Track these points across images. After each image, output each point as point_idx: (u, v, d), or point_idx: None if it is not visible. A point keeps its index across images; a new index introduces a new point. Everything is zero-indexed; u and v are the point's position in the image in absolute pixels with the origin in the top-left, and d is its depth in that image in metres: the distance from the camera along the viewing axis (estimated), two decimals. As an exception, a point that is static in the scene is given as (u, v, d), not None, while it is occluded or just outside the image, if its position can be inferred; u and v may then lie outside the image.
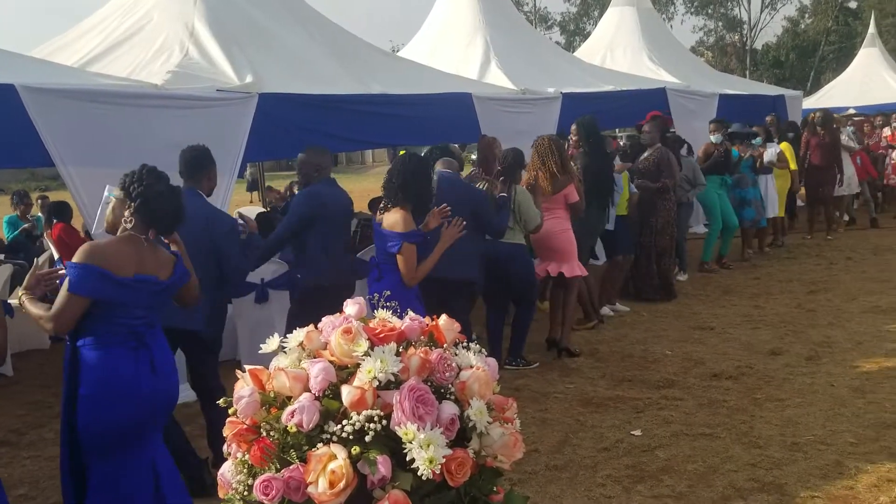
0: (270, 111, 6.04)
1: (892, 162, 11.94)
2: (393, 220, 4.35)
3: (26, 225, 9.34)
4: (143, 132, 5.43)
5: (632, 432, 4.67)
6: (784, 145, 9.92)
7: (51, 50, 7.07)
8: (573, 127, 6.94)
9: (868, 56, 18.28)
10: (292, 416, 1.74)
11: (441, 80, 7.90)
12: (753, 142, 9.53)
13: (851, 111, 13.18)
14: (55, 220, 8.38)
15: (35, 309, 3.04)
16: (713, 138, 8.98)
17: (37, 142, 5.03)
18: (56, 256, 8.25)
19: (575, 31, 45.26)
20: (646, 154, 7.78)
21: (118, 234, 3.23)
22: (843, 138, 10.98)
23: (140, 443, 3.11)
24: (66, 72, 5.87)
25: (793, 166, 10.02)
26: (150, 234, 3.19)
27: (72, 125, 5.13)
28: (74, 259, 3.01)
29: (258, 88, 6.02)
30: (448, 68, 8.62)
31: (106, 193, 3.52)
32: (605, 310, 7.34)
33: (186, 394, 5.20)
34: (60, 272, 3.18)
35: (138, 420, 3.06)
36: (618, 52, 12.59)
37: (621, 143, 7.65)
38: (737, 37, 44.72)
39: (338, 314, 2.06)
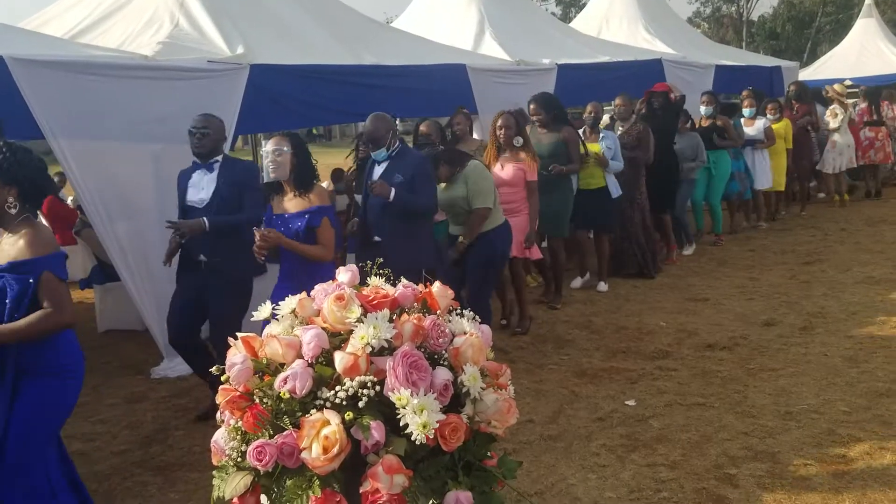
0: (262, 83, 5.98)
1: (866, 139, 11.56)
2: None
3: None
4: (133, 104, 5.37)
5: (626, 402, 4.69)
6: (783, 122, 9.74)
7: (40, 22, 6.97)
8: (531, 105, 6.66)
9: (865, 27, 18.12)
10: (285, 383, 1.74)
11: (435, 51, 7.83)
12: (745, 113, 9.44)
13: (848, 82, 13.00)
14: (45, 195, 8.34)
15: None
16: (703, 110, 8.92)
17: (26, 114, 4.97)
18: (49, 231, 8.22)
19: (571, 2, 44.87)
20: (625, 128, 7.60)
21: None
22: (825, 113, 10.86)
23: None
24: (56, 43, 5.79)
25: (787, 144, 9.81)
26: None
27: (62, 97, 5.07)
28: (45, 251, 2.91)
29: (249, 59, 5.95)
30: (442, 39, 8.54)
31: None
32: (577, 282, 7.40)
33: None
34: None
35: None
36: (614, 24, 12.47)
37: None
38: (733, 8, 44.39)
39: (329, 281, 2.05)
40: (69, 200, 8.96)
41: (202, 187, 4.57)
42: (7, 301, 2.80)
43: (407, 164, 4.89)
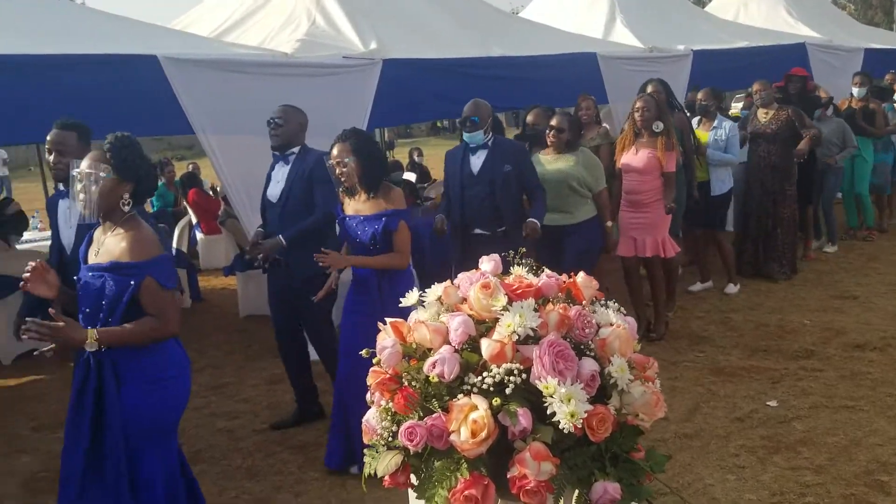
0: (394, 77, 6.10)
1: None
2: None
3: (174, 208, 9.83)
4: (274, 100, 5.55)
5: (767, 403, 4.49)
6: None
7: (187, 22, 7.40)
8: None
9: None
10: (434, 367, 1.77)
11: (564, 40, 7.74)
12: None
13: None
14: (189, 187, 8.89)
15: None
16: (856, 92, 8.28)
17: (178, 111, 5.27)
18: (195, 221, 8.74)
19: (706, -15, 43.18)
20: (769, 115, 6.88)
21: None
22: None
23: None
24: (203, 42, 6.13)
25: None
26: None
27: (210, 94, 5.36)
28: (148, 255, 2.78)
29: (382, 54, 6.09)
30: (571, 28, 8.43)
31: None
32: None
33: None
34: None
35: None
36: (752, 6, 11.88)
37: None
38: (883, -13, 41.33)
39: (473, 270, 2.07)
40: (211, 191, 9.50)
41: (278, 180, 4.48)
42: (104, 302, 2.73)
43: (510, 153, 4.75)
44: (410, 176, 8.52)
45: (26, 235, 6.66)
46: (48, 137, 3.79)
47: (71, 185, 2.85)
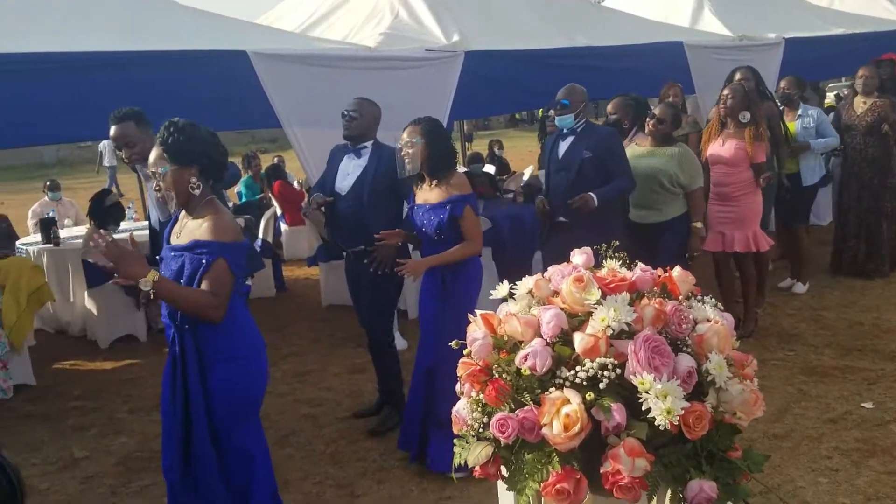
0: (476, 69, 6.12)
1: None
2: None
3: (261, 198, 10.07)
4: (357, 93, 5.64)
5: (862, 404, 4.31)
6: None
7: (274, 17, 7.58)
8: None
9: None
10: (525, 360, 1.76)
11: (650, 29, 7.60)
12: None
13: None
14: (274, 179, 9.11)
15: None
16: None
17: (263, 105, 5.41)
18: (279, 212, 8.95)
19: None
20: (867, 105, 6.49)
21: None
22: None
23: None
24: (290, 38, 6.28)
25: None
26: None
27: (296, 88, 5.48)
28: (225, 238, 2.78)
29: (464, 46, 6.11)
30: (657, 17, 8.25)
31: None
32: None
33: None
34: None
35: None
36: (849, -10, 11.36)
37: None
38: None
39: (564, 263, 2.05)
40: (295, 183, 9.70)
41: (348, 173, 4.44)
42: (181, 280, 2.77)
43: (594, 139, 4.62)
44: (490, 168, 8.50)
45: (123, 225, 6.97)
46: (111, 135, 3.91)
47: (146, 190, 2.91)
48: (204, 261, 2.73)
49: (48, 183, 9.06)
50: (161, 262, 2.95)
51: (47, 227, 6.84)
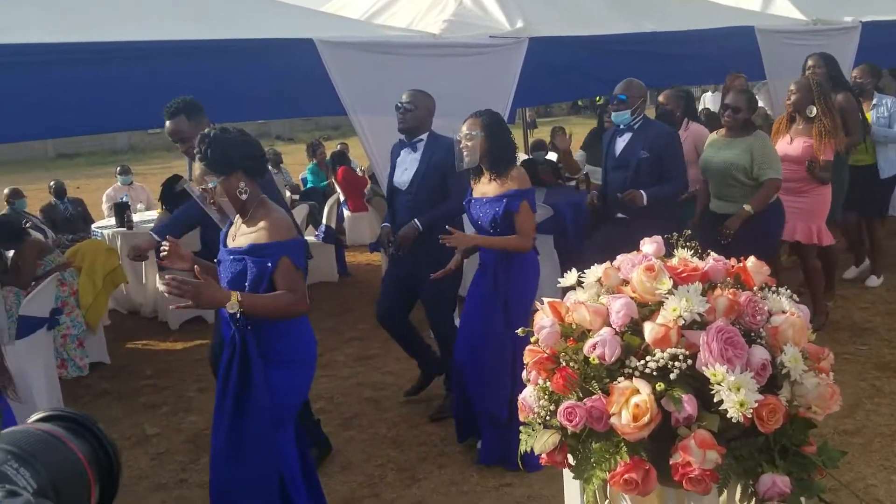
0: (540, 55, 6.05)
1: None
2: None
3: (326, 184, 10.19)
4: (422, 81, 5.65)
5: (940, 402, 4.16)
6: None
7: (339, 5, 7.64)
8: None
9: None
10: (594, 349, 1.76)
11: (719, 13, 7.40)
12: None
13: None
14: (338, 166, 9.22)
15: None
16: None
17: (328, 92, 5.45)
18: (342, 198, 9.06)
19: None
20: None
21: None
22: None
23: None
24: (355, 25, 6.31)
25: None
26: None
27: (361, 75, 5.52)
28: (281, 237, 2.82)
29: (529, 33, 6.05)
30: (727, 1, 8.02)
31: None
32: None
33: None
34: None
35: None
36: (934, -31, 10.84)
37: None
38: None
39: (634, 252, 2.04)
40: (359, 170, 9.80)
41: (405, 167, 4.42)
42: (246, 283, 2.79)
43: (651, 138, 4.53)
44: (553, 156, 8.43)
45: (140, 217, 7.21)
46: (166, 130, 3.96)
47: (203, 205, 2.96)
48: (269, 263, 2.77)
49: (119, 168, 9.38)
50: (219, 265, 2.99)
51: (121, 210, 7.08)
